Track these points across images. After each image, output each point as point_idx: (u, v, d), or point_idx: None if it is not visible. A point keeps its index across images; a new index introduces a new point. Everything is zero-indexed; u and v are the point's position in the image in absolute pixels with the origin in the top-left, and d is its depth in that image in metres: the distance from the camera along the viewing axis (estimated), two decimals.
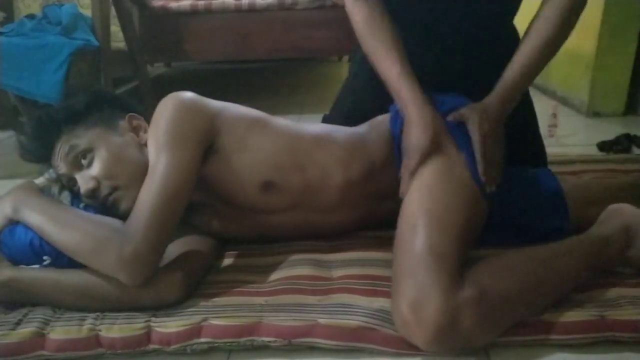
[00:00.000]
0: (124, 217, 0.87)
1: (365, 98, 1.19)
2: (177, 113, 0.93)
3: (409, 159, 0.89)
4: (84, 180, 0.91)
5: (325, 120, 1.31)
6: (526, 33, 0.97)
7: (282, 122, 1.06)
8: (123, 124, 1.00)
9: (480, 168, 0.88)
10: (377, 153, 1.03)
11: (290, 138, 1.02)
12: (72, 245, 0.83)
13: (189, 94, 0.98)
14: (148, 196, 0.85)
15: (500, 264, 0.82)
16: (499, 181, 0.90)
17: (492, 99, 0.95)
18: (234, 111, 1.02)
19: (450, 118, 0.96)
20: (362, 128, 1.09)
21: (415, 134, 0.90)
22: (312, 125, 1.10)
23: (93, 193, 0.91)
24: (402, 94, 0.94)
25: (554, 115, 1.77)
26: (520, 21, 1.13)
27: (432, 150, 0.88)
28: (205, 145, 0.95)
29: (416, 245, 0.79)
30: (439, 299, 0.72)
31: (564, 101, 2.21)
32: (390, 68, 0.95)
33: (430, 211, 0.83)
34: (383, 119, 1.08)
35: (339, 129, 1.09)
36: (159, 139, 0.91)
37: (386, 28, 0.99)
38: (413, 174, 0.88)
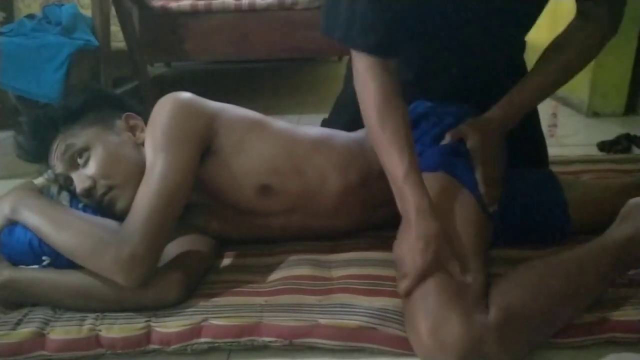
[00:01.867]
0: (120, 216, 0.87)
1: None
2: (174, 114, 0.93)
3: (405, 278, 0.78)
4: (80, 180, 0.91)
5: (325, 125, 1.30)
6: (544, 56, 0.94)
7: (281, 124, 1.05)
8: (120, 123, 1.00)
9: (482, 189, 0.87)
10: (376, 160, 1.00)
11: (289, 142, 1.02)
12: (70, 247, 0.83)
13: (186, 95, 0.97)
14: (145, 198, 0.84)
15: (522, 282, 0.78)
16: (500, 199, 0.89)
17: (496, 114, 0.93)
18: (233, 112, 1.02)
19: (449, 137, 0.94)
20: (360, 133, 1.08)
21: (414, 251, 0.78)
22: (311, 128, 1.10)
23: (89, 192, 0.91)
24: (406, 198, 0.82)
25: (554, 115, 1.77)
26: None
27: (430, 268, 0.77)
28: (202, 147, 0.95)
29: None
30: (462, 325, 0.69)
31: (564, 101, 2.21)
32: (397, 165, 0.83)
33: None
34: None
35: (337, 134, 1.08)
36: (157, 139, 0.90)
37: (399, 113, 0.86)
38: (408, 293, 0.77)
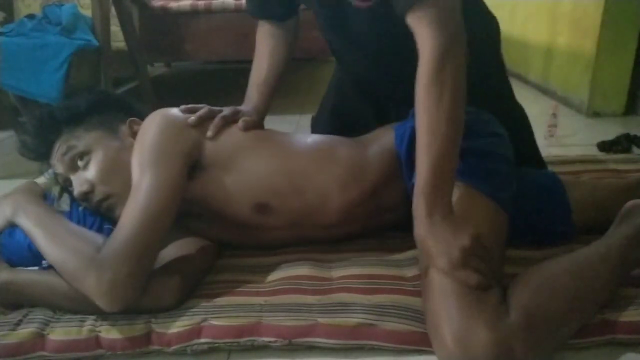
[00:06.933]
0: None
1: (348, 97, 1.25)
2: (161, 130, 0.91)
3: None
4: (79, 182, 0.91)
5: (314, 120, 1.31)
6: (418, 107, 0.79)
7: (277, 138, 1.02)
8: (124, 128, 0.99)
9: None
10: (380, 171, 0.98)
11: (286, 159, 0.98)
12: (57, 263, 0.80)
13: (174, 111, 0.97)
14: (130, 217, 0.81)
15: (538, 282, 0.77)
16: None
17: (418, 206, 0.78)
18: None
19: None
20: (363, 141, 1.04)
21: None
22: (310, 138, 1.06)
23: (86, 196, 0.90)
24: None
25: (554, 115, 1.77)
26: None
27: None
28: (190, 163, 0.92)
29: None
30: (488, 330, 0.68)
31: (564, 101, 2.21)
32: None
33: None
34: (386, 133, 1.03)
35: (340, 145, 1.02)
36: (143, 157, 0.88)
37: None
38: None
